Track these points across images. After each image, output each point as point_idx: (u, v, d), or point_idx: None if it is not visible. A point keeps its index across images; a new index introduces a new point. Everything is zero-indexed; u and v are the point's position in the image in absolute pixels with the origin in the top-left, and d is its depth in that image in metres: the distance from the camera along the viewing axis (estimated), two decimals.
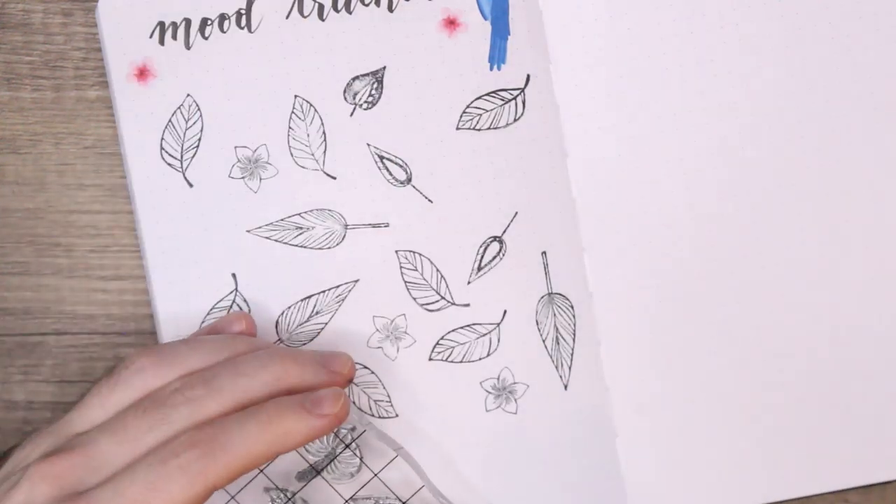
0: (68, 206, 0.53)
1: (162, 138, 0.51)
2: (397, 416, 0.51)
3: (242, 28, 0.52)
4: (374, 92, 0.51)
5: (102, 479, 0.42)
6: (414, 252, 0.52)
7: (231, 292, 0.51)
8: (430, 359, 0.52)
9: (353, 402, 0.51)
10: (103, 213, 0.53)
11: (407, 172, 0.52)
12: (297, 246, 0.51)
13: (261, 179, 0.51)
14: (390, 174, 0.51)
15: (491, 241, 0.52)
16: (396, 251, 0.51)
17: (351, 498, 0.51)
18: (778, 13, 0.51)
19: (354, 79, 0.51)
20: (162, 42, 0.51)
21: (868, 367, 0.52)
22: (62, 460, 0.42)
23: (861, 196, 0.52)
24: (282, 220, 0.51)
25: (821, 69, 0.51)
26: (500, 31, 0.51)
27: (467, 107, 0.51)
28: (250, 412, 0.43)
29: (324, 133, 0.52)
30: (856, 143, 0.52)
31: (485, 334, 0.52)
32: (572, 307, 0.52)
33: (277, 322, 0.51)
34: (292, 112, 0.51)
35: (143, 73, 0.52)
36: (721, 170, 0.51)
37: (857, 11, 0.51)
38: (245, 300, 0.51)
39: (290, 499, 0.51)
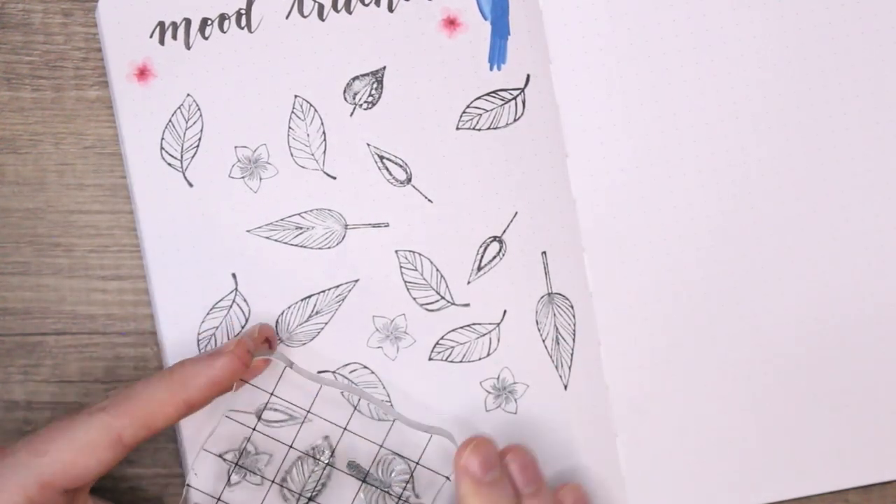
0: (68, 206, 0.53)
1: (162, 138, 0.51)
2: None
3: (242, 28, 0.52)
4: (374, 92, 0.51)
5: None
6: (414, 252, 0.52)
7: (231, 292, 0.51)
8: (430, 358, 0.52)
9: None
10: (103, 213, 0.53)
11: (407, 172, 0.52)
12: (296, 246, 0.51)
13: (261, 179, 0.52)
14: (390, 174, 0.52)
15: (491, 241, 0.52)
16: (396, 251, 0.51)
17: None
18: (778, 13, 0.51)
19: (354, 79, 0.52)
20: (162, 42, 0.52)
21: (868, 368, 0.52)
22: None
23: (861, 196, 0.52)
24: (282, 219, 0.51)
25: (821, 69, 0.51)
26: (500, 31, 0.51)
27: (467, 107, 0.51)
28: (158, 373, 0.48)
29: (324, 133, 0.52)
30: (855, 143, 0.52)
31: (485, 334, 0.52)
32: (572, 307, 0.52)
33: (277, 322, 0.51)
34: (292, 112, 0.51)
35: (143, 73, 0.52)
36: (721, 169, 0.51)
37: (857, 11, 0.51)
38: (245, 300, 0.51)
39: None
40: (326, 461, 0.51)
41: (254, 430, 0.51)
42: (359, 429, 0.51)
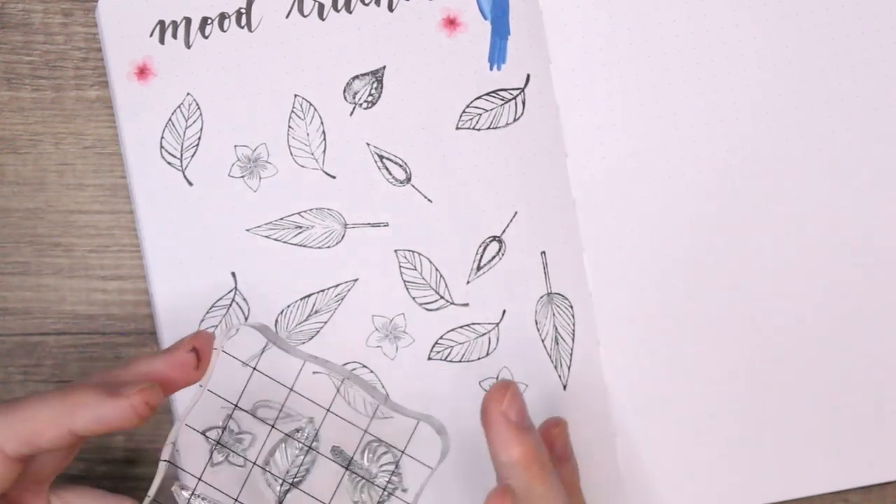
0: (68, 206, 0.53)
1: (162, 137, 0.51)
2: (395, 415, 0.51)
3: (242, 27, 0.52)
4: (373, 91, 0.51)
5: None
6: (413, 251, 0.51)
7: (230, 291, 0.51)
8: (429, 358, 0.52)
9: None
10: (103, 213, 0.53)
11: (406, 172, 0.52)
12: (296, 245, 0.51)
13: (260, 178, 0.52)
14: (390, 174, 0.51)
15: (490, 241, 0.52)
16: (396, 250, 0.51)
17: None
18: (778, 13, 0.51)
19: (354, 78, 0.52)
20: (162, 41, 0.52)
21: (868, 368, 0.52)
22: None
23: (861, 196, 0.52)
24: (281, 219, 0.51)
25: (821, 69, 0.51)
26: (500, 30, 0.51)
27: (467, 106, 0.51)
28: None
29: (323, 132, 0.52)
30: (855, 143, 0.51)
31: (484, 334, 0.52)
32: (571, 307, 0.52)
33: (277, 321, 0.51)
34: (292, 111, 0.51)
35: (143, 72, 0.52)
36: (721, 169, 0.51)
37: (857, 12, 0.51)
38: (244, 299, 0.51)
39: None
40: (310, 444, 0.51)
41: (236, 406, 0.49)
42: (344, 414, 0.51)
